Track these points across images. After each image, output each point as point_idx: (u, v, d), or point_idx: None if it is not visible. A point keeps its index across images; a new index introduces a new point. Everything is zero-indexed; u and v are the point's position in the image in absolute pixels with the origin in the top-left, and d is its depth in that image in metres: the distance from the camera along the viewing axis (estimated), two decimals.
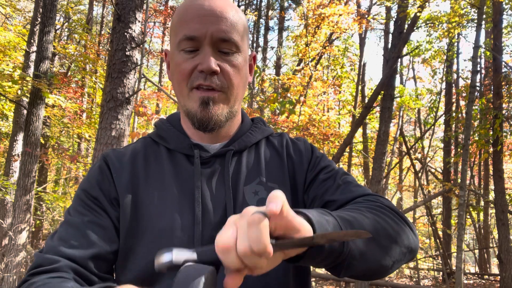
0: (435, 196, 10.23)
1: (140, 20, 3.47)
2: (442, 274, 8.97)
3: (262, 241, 0.45)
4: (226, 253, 0.47)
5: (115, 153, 0.85)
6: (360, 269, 0.63)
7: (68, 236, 0.73)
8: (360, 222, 0.63)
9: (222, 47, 0.77)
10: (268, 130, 0.91)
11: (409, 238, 0.71)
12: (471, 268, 12.87)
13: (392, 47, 5.86)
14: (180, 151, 0.83)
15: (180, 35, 0.77)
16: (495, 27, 6.93)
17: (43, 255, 0.71)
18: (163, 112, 13.94)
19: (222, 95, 0.78)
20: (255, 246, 0.45)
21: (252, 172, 0.82)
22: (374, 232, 0.64)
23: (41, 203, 8.69)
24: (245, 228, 0.46)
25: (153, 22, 13.91)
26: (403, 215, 0.73)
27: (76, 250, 0.71)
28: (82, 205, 0.77)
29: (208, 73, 0.75)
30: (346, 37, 11.93)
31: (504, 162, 8.73)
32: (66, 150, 9.85)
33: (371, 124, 12.22)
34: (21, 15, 11.39)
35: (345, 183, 0.81)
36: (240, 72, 0.79)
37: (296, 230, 0.50)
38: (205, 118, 0.77)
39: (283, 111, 5.37)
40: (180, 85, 0.79)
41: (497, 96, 6.66)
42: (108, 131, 3.22)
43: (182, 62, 0.77)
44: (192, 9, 0.77)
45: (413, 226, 0.74)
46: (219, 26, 0.75)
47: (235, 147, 0.83)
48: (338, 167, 0.87)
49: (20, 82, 5.17)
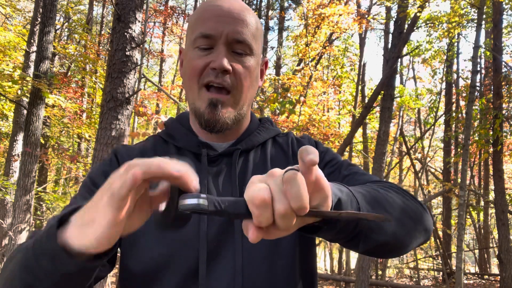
0: (435, 196, 10.23)
1: (140, 20, 3.47)
2: (442, 274, 8.98)
3: (303, 197, 0.43)
4: (262, 208, 0.44)
5: (125, 148, 0.87)
6: (378, 242, 0.62)
7: None
8: (372, 194, 0.63)
9: (236, 48, 0.78)
10: (276, 130, 0.92)
11: (422, 214, 0.71)
12: (471, 268, 12.87)
13: (392, 47, 5.85)
14: (189, 149, 0.84)
15: (196, 33, 0.78)
16: (495, 27, 6.93)
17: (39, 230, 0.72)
18: (163, 112, 13.94)
19: (231, 99, 0.79)
20: (295, 203, 0.43)
21: (258, 171, 0.82)
22: (387, 204, 0.64)
23: (41, 203, 8.69)
24: (281, 186, 0.44)
25: (153, 22, 13.91)
26: (414, 196, 0.74)
27: None
28: (87, 191, 0.79)
29: (220, 71, 0.76)
30: (346, 37, 11.93)
31: (504, 162, 8.73)
32: (66, 150, 9.85)
33: (371, 124, 12.22)
34: (21, 15, 11.39)
35: (351, 174, 0.81)
36: (251, 74, 0.81)
37: (323, 190, 0.48)
38: (212, 120, 0.78)
39: (283, 111, 5.37)
40: (191, 81, 0.80)
41: (497, 96, 6.66)
42: (108, 131, 3.22)
43: (196, 59, 0.78)
44: (211, 9, 0.79)
45: (425, 206, 0.75)
46: (235, 27, 0.77)
47: (242, 147, 0.84)
48: (343, 159, 0.87)
49: (20, 82, 5.17)
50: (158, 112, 12.77)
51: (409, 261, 11.94)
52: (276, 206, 0.44)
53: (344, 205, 0.54)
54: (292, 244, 0.78)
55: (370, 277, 5.69)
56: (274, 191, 0.45)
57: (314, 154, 0.44)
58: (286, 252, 0.77)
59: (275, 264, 0.75)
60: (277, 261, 0.76)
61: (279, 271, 0.76)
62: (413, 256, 9.95)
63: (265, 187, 0.45)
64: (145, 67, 15.17)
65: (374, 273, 9.15)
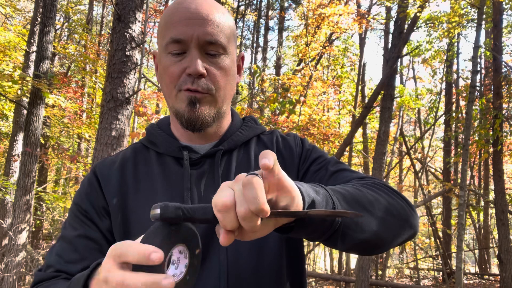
0: (435, 196, 10.23)
1: (140, 20, 3.47)
2: (442, 274, 8.98)
3: (259, 200, 0.45)
4: (225, 212, 0.47)
5: (104, 162, 0.87)
6: (357, 239, 0.63)
7: (63, 252, 0.78)
8: (352, 194, 0.64)
9: (209, 50, 0.77)
10: (260, 128, 0.91)
11: (406, 212, 0.71)
12: (471, 268, 12.87)
13: (392, 47, 5.86)
14: (169, 154, 0.83)
15: (167, 38, 0.77)
16: (495, 27, 6.93)
17: (42, 273, 0.76)
18: (163, 112, 13.93)
19: (209, 97, 0.79)
20: (253, 206, 0.45)
21: (242, 171, 0.82)
22: (368, 204, 0.64)
23: (41, 203, 8.69)
24: (241, 190, 0.46)
25: (153, 22, 13.90)
26: (399, 192, 0.74)
27: (71, 265, 0.76)
28: (74, 219, 0.81)
29: (196, 76, 0.76)
30: (346, 37, 11.94)
31: (504, 162, 8.73)
32: (66, 150, 9.84)
33: (371, 124, 12.23)
34: (21, 15, 11.39)
35: (338, 171, 0.81)
36: (227, 73, 0.80)
37: (288, 190, 0.50)
38: (193, 118, 0.78)
39: (283, 111, 5.38)
40: (168, 88, 0.80)
41: (497, 96, 6.66)
42: (108, 131, 3.22)
43: (170, 65, 0.78)
44: (179, 12, 0.77)
45: (411, 203, 0.74)
46: (205, 28, 0.76)
47: (225, 147, 0.84)
48: (330, 157, 0.87)
49: (20, 82, 5.17)
50: (158, 112, 12.77)
51: (409, 261, 11.94)
52: (237, 209, 0.46)
53: (318, 206, 0.55)
54: (278, 244, 0.78)
55: (370, 277, 5.69)
56: (236, 196, 0.47)
57: (269, 158, 0.46)
58: (273, 252, 0.77)
59: (262, 264, 0.76)
60: (263, 261, 0.76)
61: (266, 271, 0.76)
62: (413, 256, 9.96)
63: (229, 193, 0.47)
64: (145, 67, 15.15)
65: (374, 273, 9.15)
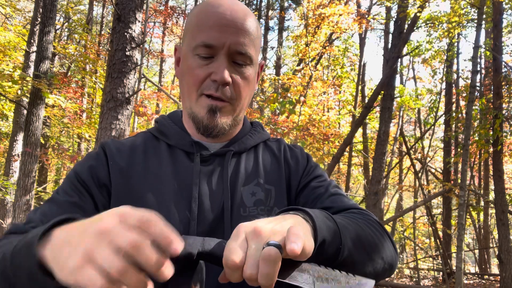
0: (435, 196, 10.23)
1: (140, 20, 3.47)
2: (442, 274, 8.98)
3: (272, 280, 0.47)
4: (233, 271, 0.49)
5: (114, 142, 0.86)
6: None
7: (50, 212, 0.73)
8: (358, 233, 0.67)
9: (237, 59, 0.78)
10: (266, 135, 0.94)
11: (393, 256, 0.75)
12: (471, 268, 12.87)
13: (392, 47, 5.86)
14: (181, 148, 0.84)
15: (197, 40, 0.77)
16: (495, 27, 6.93)
17: (21, 224, 0.71)
18: (163, 112, 13.94)
19: (230, 106, 0.80)
20: (263, 280, 0.47)
21: (250, 173, 0.83)
22: (368, 245, 0.68)
23: (41, 203, 8.68)
24: (257, 257, 0.48)
25: (153, 22, 13.91)
26: (388, 233, 0.78)
27: None
28: (71, 186, 0.77)
29: (221, 84, 0.76)
30: (346, 37, 11.94)
31: (504, 162, 8.73)
32: (66, 150, 9.84)
33: (371, 124, 12.23)
34: (21, 15, 11.39)
35: (337, 194, 0.84)
36: (250, 83, 0.82)
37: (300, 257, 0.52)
38: (211, 126, 0.79)
39: (283, 111, 5.38)
40: (190, 89, 0.80)
41: (497, 96, 6.66)
42: (108, 131, 3.22)
43: (196, 67, 0.78)
44: (214, 16, 0.76)
45: (395, 244, 0.78)
46: (238, 38, 0.76)
47: (235, 148, 0.85)
48: (330, 179, 0.90)
49: (20, 82, 5.17)
50: (158, 112, 12.78)
51: (409, 261, 11.94)
52: (245, 269, 0.48)
53: (326, 245, 0.59)
54: None
55: None
56: (249, 256, 0.48)
57: (297, 244, 0.48)
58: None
59: None
60: None
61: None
62: (413, 256, 9.95)
63: (241, 251, 0.49)
64: (145, 67, 15.17)
65: None
